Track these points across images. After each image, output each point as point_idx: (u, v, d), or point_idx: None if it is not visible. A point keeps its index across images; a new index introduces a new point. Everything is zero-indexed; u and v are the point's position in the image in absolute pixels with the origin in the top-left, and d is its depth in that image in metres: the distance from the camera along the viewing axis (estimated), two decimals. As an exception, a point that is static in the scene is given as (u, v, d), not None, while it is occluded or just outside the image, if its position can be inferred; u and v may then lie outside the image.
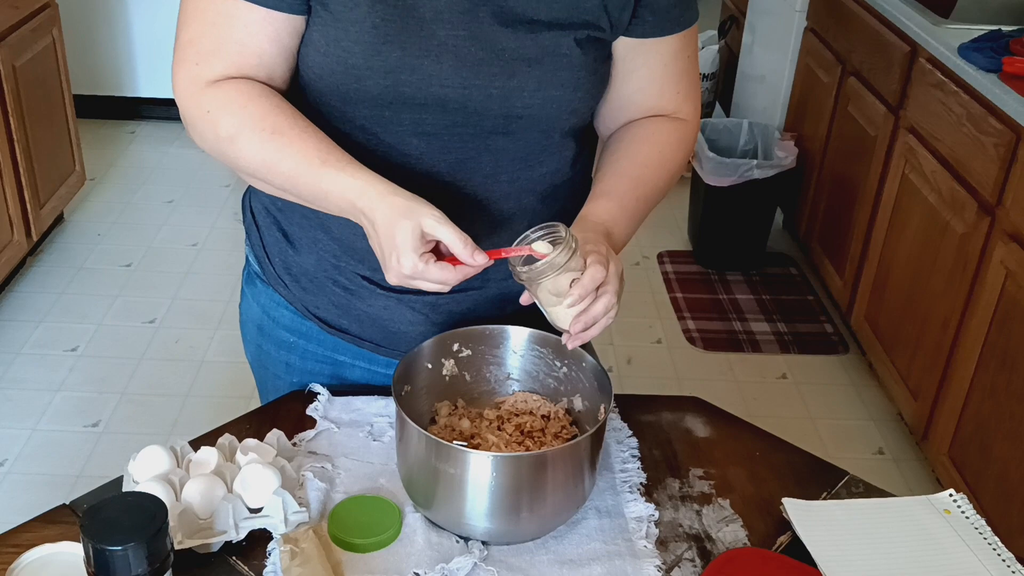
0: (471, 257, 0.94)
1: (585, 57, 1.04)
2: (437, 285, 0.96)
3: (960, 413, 2.24)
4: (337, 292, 1.16)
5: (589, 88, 1.08)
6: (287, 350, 1.23)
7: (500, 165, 1.08)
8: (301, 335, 1.21)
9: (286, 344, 1.23)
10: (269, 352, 1.25)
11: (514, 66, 1.01)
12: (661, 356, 2.92)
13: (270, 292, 1.22)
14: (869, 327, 2.76)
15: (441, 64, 0.99)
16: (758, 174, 3.14)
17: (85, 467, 2.37)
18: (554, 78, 1.03)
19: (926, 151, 2.45)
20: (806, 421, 2.69)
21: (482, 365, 1.11)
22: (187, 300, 3.06)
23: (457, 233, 0.93)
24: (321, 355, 1.22)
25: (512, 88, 1.02)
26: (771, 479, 1.10)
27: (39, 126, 3.04)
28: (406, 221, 0.93)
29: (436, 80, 1.00)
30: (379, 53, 0.98)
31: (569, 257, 0.94)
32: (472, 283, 1.12)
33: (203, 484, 0.96)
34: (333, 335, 1.20)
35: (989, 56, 2.20)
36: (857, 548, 0.98)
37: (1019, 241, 2.03)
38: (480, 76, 1.01)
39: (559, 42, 1.02)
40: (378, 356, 1.20)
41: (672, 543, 1.00)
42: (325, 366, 1.22)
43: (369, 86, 1.00)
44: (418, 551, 0.96)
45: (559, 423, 1.08)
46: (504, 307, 1.17)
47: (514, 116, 1.04)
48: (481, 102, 1.02)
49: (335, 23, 0.99)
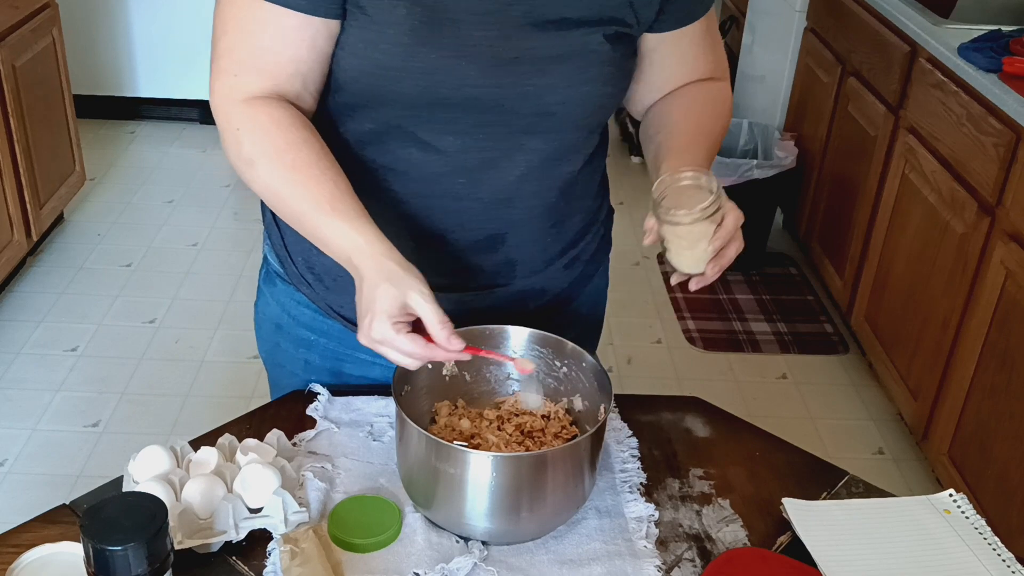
0: (446, 340, 0.94)
1: (614, 53, 1.06)
2: (403, 357, 0.95)
3: (960, 413, 2.24)
4: None
5: (618, 83, 1.10)
6: (306, 348, 1.24)
7: (531, 164, 1.09)
8: (322, 333, 1.22)
9: (305, 342, 1.23)
10: (287, 350, 1.26)
11: (545, 64, 1.02)
12: (661, 356, 2.92)
13: (291, 291, 1.23)
14: (869, 327, 2.76)
15: (475, 64, 1.01)
16: (758, 174, 3.14)
17: (85, 467, 2.38)
18: (584, 75, 1.04)
19: (926, 151, 2.45)
20: (806, 421, 2.69)
21: (482, 365, 1.12)
22: (187, 300, 3.06)
23: (438, 314, 0.94)
24: (341, 353, 1.22)
25: (544, 86, 1.03)
26: (771, 479, 1.10)
27: (39, 126, 3.04)
28: (392, 288, 0.94)
29: (470, 80, 1.01)
30: (415, 55, 0.99)
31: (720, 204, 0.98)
32: (498, 280, 1.15)
33: (203, 484, 0.96)
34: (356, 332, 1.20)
35: (989, 56, 2.20)
36: (857, 548, 0.98)
37: (1019, 241, 2.03)
38: (513, 75, 1.02)
39: (588, 39, 1.03)
40: None
41: (672, 543, 1.00)
42: (345, 364, 1.23)
43: (405, 87, 1.01)
44: (418, 551, 0.96)
45: (559, 423, 1.08)
46: (527, 304, 1.19)
47: (547, 114, 1.05)
48: (514, 100, 1.03)
49: (372, 25, 0.99)
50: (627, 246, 3.41)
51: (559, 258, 1.20)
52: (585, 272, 1.26)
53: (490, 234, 1.13)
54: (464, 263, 1.14)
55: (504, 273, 1.15)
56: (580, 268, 1.25)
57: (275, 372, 1.31)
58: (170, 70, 4.08)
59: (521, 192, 1.11)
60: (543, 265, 1.19)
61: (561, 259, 1.20)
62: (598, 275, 1.30)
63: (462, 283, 1.15)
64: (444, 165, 1.07)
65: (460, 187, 1.08)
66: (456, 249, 1.13)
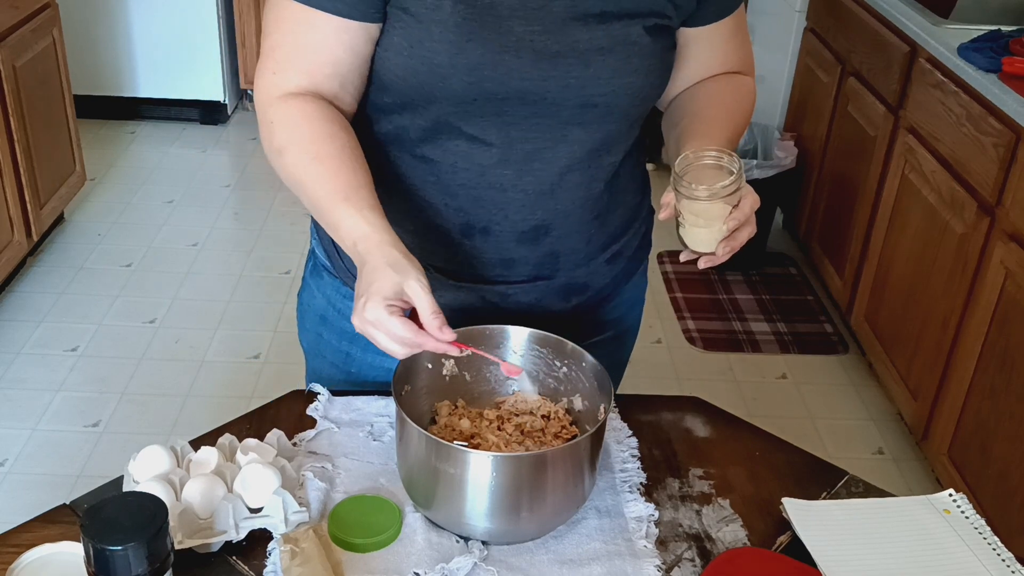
0: (438, 329, 0.94)
1: (655, 44, 1.08)
2: (393, 342, 0.95)
3: (960, 413, 2.24)
4: None
5: (660, 74, 1.12)
6: (349, 341, 1.25)
7: (575, 155, 1.11)
8: None
9: (348, 335, 1.25)
10: (330, 342, 1.28)
11: (589, 56, 1.04)
12: (661, 356, 2.92)
13: (337, 284, 1.25)
14: (869, 327, 2.76)
15: (520, 59, 1.03)
16: (758, 174, 3.14)
17: (85, 467, 2.38)
18: (627, 66, 1.06)
19: (926, 151, 2.45)
20: (806, 421, 2.69)
21: (482, 365, 1.12)
22: (187, 300, 3.06)
23: (432, 304, 0.94)
24: None
25: (588, 78, 1.05)
26: (771, 479, 1.10)
27: (39, 126, 3.04)
28: (391, 272, 0.95)
29: (516, 74, 1.03)
30: (462, 51, 1.01)
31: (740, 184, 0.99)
32: (542, 272, 1.17)
33: (203, 484, 0.96)
34: None
35: (989, 56, 2.20)
36: (857, 548, 0.98)
37: (1019, 241, 2.04)
38: (557, 68, 1.04)
39: (629, 31, 1.05)
40: None
41: (672, 543, 1.00)
42: (385, 358, 1.22)
43: (453, 84, 1.03)
44: (418, 551, 0.96)
45: (559, 423, 1.08)
46: (569, 298, 1.20)
47: (590, 105, 1.07)
48: (559, 92, 1.05)
49: (418, 25, 1.02)
50: (627, 246, 3.40)
51: (602, 252, 1.21)
52: (627, 269, 1.28)
53: (534, 225, 1.14)
54: (509, 255, 1.15)
55: (548, 264, 1.16)
56: (622, 264, 1.26)
57: (316, 363, 1.33)
58: (170, 70, 4.08)
59: (565, 183, 1.12)
60: (586, 259, 1.20)
61: (604, 253, 1.22)
62: (639, 274, 1.32)
63: (506, 275, 1.17)
64: (490, 157, 1.09)
65: (506, 178, 1.10)
66: (501, 240, 1.14)
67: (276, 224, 3.49)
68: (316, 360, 1.33)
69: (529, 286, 1.18)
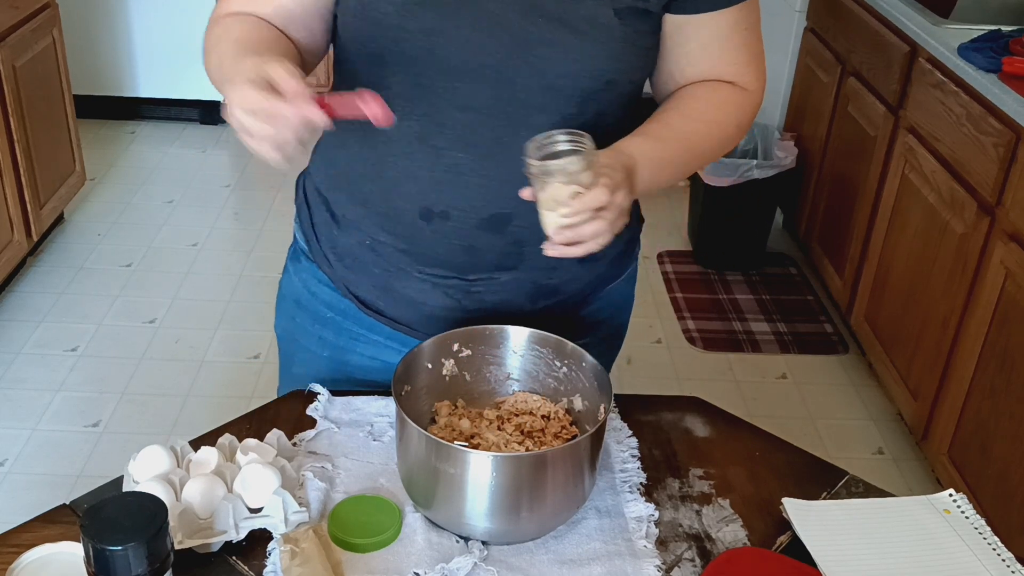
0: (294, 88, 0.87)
1: (625, 28, 1.03)
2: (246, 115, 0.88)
3: (960, 413, 2.24)
4: (376, 272, 1.19)
5: (629, 61, 1.07)
6: (323, 324, 1.25)
7: None
8: (339, 312, 1.24)
9: (323, 319, 1.25)
10: (303, 325, 1.28)
11: (552, 35, 1.01)
12: (661, 356, 2.92)
13: (313, 269, 1.25)
14: (869, 327, 2.76)
15: (478, 31, 1.00)
16: (758, 174, 3.14)
17: (85, 467, 2.38)
18: (590, 49, 1.02)
19: (926, 151, 2.45)
20: (806, 421, 2.69)
21: (482, 365, 1.12)
22: (187, 300, 3.06)
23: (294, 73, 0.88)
24: (356, 333, 1.24)
25: (548, 57, 1.02)
26: (771, 479, 1.10)
27: (39, 126, 3.04)
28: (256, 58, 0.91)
29: (472, 46, 1.01)
30: (413, 14, 1.00)
31: (582, 169, 0.93)
32: (505, 262, 1.12)
33: (203, 484, 0.96)
34: (370, 315, 1.22)
35: (989, 56, 2.20)
36: (857, 548, 0.98)
37: (1019, 241, 2.04)
38: (516, 44, 1.01)
39: (598, 12, 1.01)
40: (412, 339, 1.21)
41: (672, 543, 1.00)
42: (358, 343, 1.24)
43: (406, 48, 1.01)
44: (418, 551, 0.96)
45: (559, 423, 1.08)
46: (536, 300, 1.18)
47: (550, 87, 1.04)
48: (517, 70, 1.02)
49: None
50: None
51: None
52: (605, 275, 1.24)
53: (495, 213, 1.10)
54: (471, 242, 1.12)
55: (512, 255, 1.12)
56: (600, 269, 1.22)
57: (289, 347, 1.32)
58: (170, 70, 4.08)
59: None
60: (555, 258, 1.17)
61: None
62: (622, 280, 1.28)
63: (470, 263, 1.14)
64: (447, 139, 1.06)
65: (463, 162, 1.07)
66: (462, 226, 1.11)
67: (276, 224, 3.49)
68: (289, 344, 1.32)
69: (495, 284, 1.15)
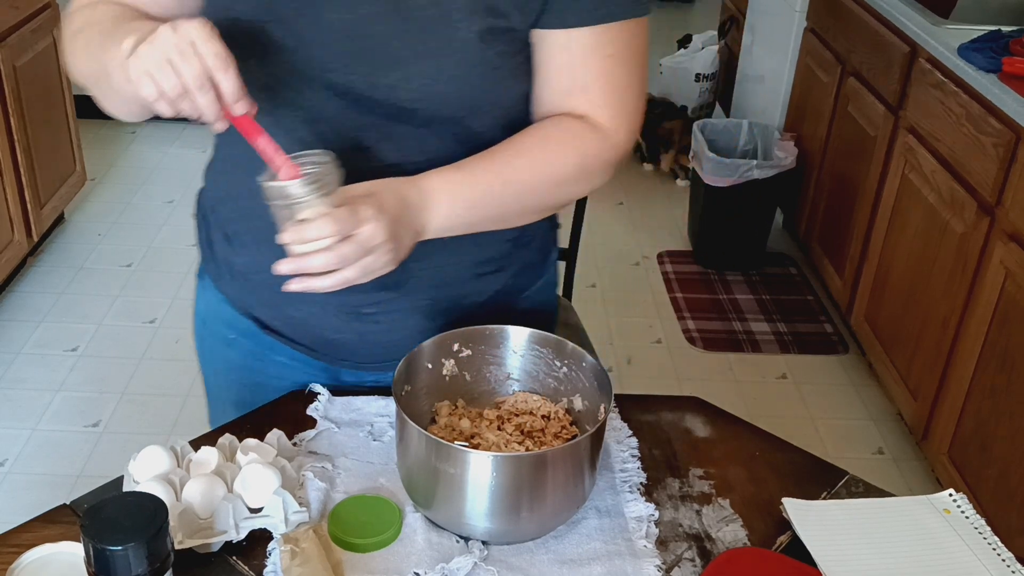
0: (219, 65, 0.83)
1: (486, 51, 0.97)
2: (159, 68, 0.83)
3: (960, 413, 2.24)
4: (268, 294, 1.14)
5: (493, 83, 1.00)
6: (227, 346, 1.23)
7: (405, 154, 1.01)
8: (240, 332, 1.21)
9: (226, 340, 1.23)
10: (212, 347, 1.26)
11: (402, 56, 0.95)
12: (661, 356, 2.92)
13: (210, 283, 1.22)
14: (869, 327, 2.76)
15: (326, 49, 0.96)
16: (758, 174, 3.14)
17: (85, 467, 2.38)
18: (443, 73, 0.96)
19: (926, 151, 2.45)
20: (806, 421, 2.69)
21: (482, 365, 1.12)
22: (187, 300, 3.04)
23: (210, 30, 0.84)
24: (259, 353, 1.21)
25: (398, 79, 0.96)
26: (771, 479, 1.10)
27: (40, 126, 3.04)
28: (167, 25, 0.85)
29: (319, 64, 0.96)
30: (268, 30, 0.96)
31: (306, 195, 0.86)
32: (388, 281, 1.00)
33: (203, 484, 0.96)
34: (269, 335, 1.19)
35: (989, 56, 2.20)
36: (857, 548, 0.98)
37: (1018, 241, 2.04)
38: (365, 64, 0.96)
39: (454, 34, 0.95)
40: (317, 361, 1.19)
41: (672, 543, 1.00)
42: (264, 364, 1.22)
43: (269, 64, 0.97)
44: (418, 551, 0.96)
45: (559, 423, 1.08)
46: (435, 317, 1.13)
47: (404, 108, 0.98)
48: (365, 91, 0.97)
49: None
50: (627, 246, 3.41)
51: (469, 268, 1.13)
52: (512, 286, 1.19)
53: None
54: None
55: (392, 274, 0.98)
56: (504, 281, 1.18)
57: (204, 369, 1.31)
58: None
59: None
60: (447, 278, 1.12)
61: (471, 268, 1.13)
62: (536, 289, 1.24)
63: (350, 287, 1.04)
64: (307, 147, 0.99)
65: None
66: None
67: (276, 224, 3.48)
68: (205, 367, 1.29)
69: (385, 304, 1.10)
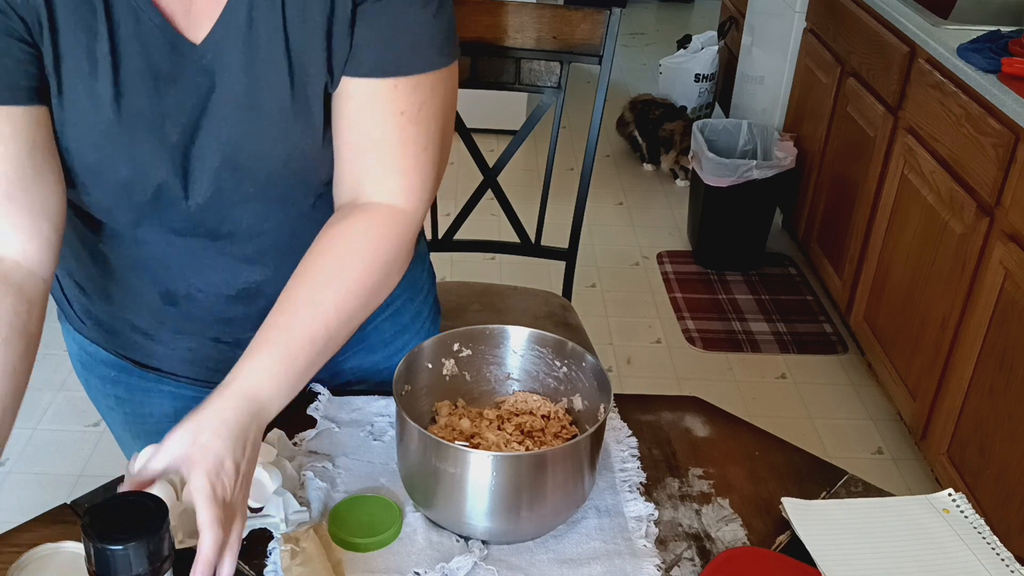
0: None
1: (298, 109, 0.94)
2: None
3: (959, 413, 2.25)
4: (136, 338, 1.14)
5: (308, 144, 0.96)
6: (111, 383, 1.21)
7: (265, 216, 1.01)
8: (121, 370, 1.20)
9: (109, 379, 1.21)
10: (96, 386, 1.23)
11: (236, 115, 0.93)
12: (661, 356, 2.92)
13: (71, 330, 1.20)
14: (868, 327, 2.76)
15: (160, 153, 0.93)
16: (757, 174, 3.14)
17: (86, 467, 2.38)
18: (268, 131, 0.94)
19: (925, 151, 2.45)
20: (805, 421, 2.69)
21: (482, 365, 1.12)
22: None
23: None
24: (146, 387, 1.20)
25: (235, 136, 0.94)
26: (770, 479, 1.10)
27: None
28: None
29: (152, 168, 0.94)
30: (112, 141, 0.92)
31: None
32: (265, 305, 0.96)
33: (204, 484, 0.96)
34: (148, 372, 1.18)
35: (988, 57, 2.20)
36: (856, 547, 0.98)
37: (1018, 241, 2.04)
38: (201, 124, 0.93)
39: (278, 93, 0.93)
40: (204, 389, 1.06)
41: (671, 542, 1.00)
42: (154, 396, 1.20)
43: None
44: (418, 550, 0.96)
45: (559, 423, 1.08)
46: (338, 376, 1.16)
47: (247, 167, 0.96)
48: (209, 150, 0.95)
49: None
50: (627, 246, 3.41)
51: None
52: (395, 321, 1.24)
53: (242, 288, 1.07)
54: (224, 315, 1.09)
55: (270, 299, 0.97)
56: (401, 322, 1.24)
57: (96, 405, 1.27)
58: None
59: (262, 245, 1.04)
60: None
61: None
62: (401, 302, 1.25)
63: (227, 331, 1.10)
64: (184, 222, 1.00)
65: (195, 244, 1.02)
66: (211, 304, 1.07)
67: (276, 224, 3.48)
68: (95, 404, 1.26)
69: None
